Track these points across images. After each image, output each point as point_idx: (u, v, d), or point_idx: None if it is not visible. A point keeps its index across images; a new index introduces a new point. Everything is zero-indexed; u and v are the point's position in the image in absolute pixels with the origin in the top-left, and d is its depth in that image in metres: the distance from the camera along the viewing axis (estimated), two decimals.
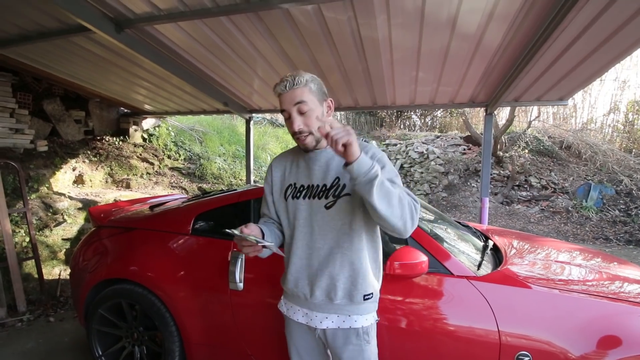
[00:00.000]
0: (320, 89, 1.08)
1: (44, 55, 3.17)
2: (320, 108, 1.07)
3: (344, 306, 1.10)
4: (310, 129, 1.05)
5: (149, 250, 2.00)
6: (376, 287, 1.14)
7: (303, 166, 1.16)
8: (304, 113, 1.04)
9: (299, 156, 1.18)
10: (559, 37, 2.13)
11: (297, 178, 1.16)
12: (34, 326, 2.73)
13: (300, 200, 1.13)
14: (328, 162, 1.11)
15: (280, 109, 1.08)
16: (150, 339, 1.98)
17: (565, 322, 1.38)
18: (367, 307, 1.12)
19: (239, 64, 3.02)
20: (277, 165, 1.24)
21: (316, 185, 1.11)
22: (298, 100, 1.03)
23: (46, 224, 3.47)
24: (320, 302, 1.12)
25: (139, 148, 5.32)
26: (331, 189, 1.08)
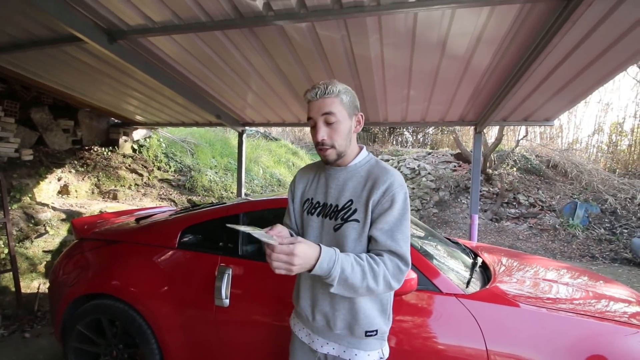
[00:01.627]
0: (352, 102, 1.04)
1: (34, 64, 3.15)
2: (348, 122, 1.03)
3: (344, 337, 1.05)
4: (333, 142, 1.02)
5: (133, 264, 1.95)
6: (381, 325, 1.05)
7: (322, 182, 1.12)
8: (330, 124, 1.01)
9: (321, 171, 1.15)
10: (545, 60, 2.21)
11: (315, 193, 1.13)
12: (8, 342, 2.59)
13: (314, 217, 1.10)
14: (345, 182, 1.06)
15: (308, 116, 1.05)
16: (130, 357, 1.90)
17: (553, 341, 1.38)
18: (370, 343, 1.05)
19: (232, 77, 3.04)
20: (302, 177, 1.21)
21: (329, 204, 1.07)
22: (327, 110, 1.00)
23: (27, 235, 3.36)
24: (320, 327, 1.07)
25: (128, 159, 5.25)
26: (342, 210, 1.03)
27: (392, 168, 1.05)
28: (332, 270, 0.88)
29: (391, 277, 0.94)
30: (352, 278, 0.90)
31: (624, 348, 1.37)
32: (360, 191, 1.03)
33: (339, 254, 0.91)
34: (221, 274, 1.72)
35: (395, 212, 0.98)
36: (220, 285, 1.69)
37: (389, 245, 0.96)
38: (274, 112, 3.91)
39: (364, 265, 0.93)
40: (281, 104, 3.59)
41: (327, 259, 0.88)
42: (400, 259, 0.96)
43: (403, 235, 0.98)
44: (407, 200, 1.01)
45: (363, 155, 1.10)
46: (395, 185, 1.00)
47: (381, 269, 0.93)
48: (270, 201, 2.07)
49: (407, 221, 1.00)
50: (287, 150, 10.45)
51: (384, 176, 1.01)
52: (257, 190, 7.14)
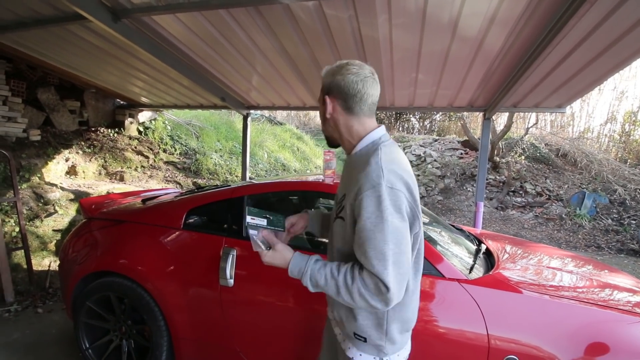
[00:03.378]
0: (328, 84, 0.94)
1: (39, 43, 3.13)
2: (322, 106, 0.97)
3: (342, 327, 1.01)
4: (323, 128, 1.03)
5: (140, 243, 1.98)
6: (373, 337, 0.93)
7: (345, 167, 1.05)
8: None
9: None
10: (560, 44, 2.13)
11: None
12: (22, 317, 2.69)
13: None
14: (350, 172, 0.93)
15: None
16: (139, 332, 1.96)
17: (555, 327, 1.38)
18: (362, 346, 0.95)
19: (237, 59, 3.00)
20: None
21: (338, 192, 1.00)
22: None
23: (37, 215, 3.42)
24: (330, 309, 1.07)
25: (134, 141, 5.27)
26: (337, 204, 0.96)
27: (378, 162, 0.84)
28: (303, 278, 0.92)
29: (369, 296, 0.82)
30: (327, 290, 0.89)
31: (626, 336, 1.37)
32: (351, 186, 0.88)
33: (309, 265, 0.91)
34: (226, 255, 1.74)
35: (363, 222, 0.80)
36: (225, 266, 1.72)
37: (364, 263, 0.82)
38: (279, 95, 3.87)
39: (338, 279, 0.86)
40: (286, 86, 3.54)
41: (295, 270, 0.93)
42: (379, 279, 0.80)
43: (376, 252, 0.79)
44: (383, 205, 0.79)
45: (365, 143, 0.93)
46: (367, 186, 0.81)
47: (355, 285, 0.83)
48: (274, 184, 2.07)
49: (385, 234, 0.78)
50: (292, 134, 10.40)
51: (359, 174, 0.85)
52: (262, 174, 7.16)
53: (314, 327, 1.59)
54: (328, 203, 2.56)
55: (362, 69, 0.91)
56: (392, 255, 0.79)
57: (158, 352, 1.85)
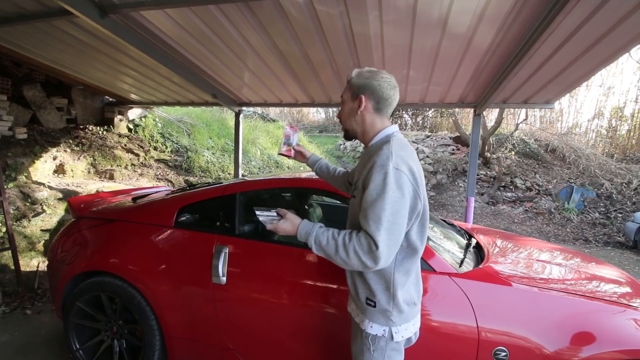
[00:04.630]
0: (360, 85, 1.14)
1: (24, 39, 3.05)
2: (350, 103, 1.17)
3: (355, 300, 1.18)
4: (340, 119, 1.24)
5: (130, 242, 1.96)
6: (382, 300, 1.10)
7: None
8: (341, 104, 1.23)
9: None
10: (548, 40, 2.16)
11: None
12: (10, 319, 2.64)
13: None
14: (363, 160, 1.16)
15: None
16: (130, 332, 1.95)
17: (542, 319, 1.41)
18: (373, 314, 1.11)
19: (229, 55, 2.97)
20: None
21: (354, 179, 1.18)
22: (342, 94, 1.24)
23: (24, 214, 3.36)
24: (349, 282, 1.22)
25: (124, 138, 5.19)
26: (352, 186, 1.18)
27: (391, 150, 1.04)
28: (308, 239, 1.08)
29: (362, 253, 0.99)
30: (327, 249, 1.05)
31: (610, 325, 1.41)
32: (365, 171, 1.08)
33: (315, 229, 1.08)
34: (218, 253, 1.74)
35: (371, 190, 1.01)
36: (217, 264, 1.71)
37: (362, 224, 1.01)
38: (271, 92, 3.85)
39: (338, 239, 1.04)
40: (278, 83, 3.53)
41: (303, 232, 1.09)
42: (371, 239, 0.98)
43: (375, 215, 0.98)
44: (387, 180, 0.99)
45: (381, 136, 1.14)
46: (377, 164, 1.02)
47: (352, 244, 1.01)
48: (268, 181, 2.07)
49: (384, 203, 0.98)
50: None
51: (372, 157, 1.06)
52: (255, 171, 7.12)
53: (308, 324, 1.60)
54: (321, 200, 2.57)
55: (392, 78, 1.16)
56: (386, 222, 0.97)
57: (150, 352, 1.84)
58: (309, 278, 1.62)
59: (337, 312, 1.53)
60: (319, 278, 1.60)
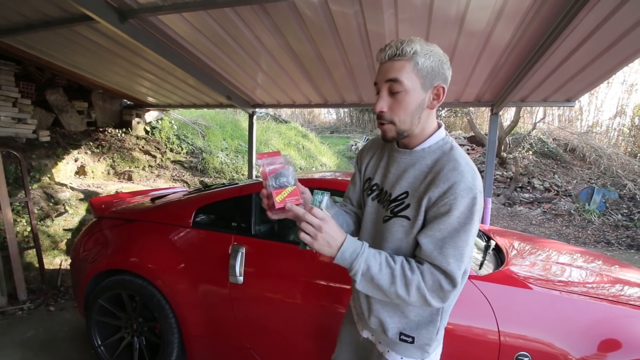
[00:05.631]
0: (433, 69, 0.82)
1: (47, 45, 3.16)
2: (420, 94, 0.83)
3: (378, 334, 0.96)
4: (393, 116, 0.84)
5: (150, 242, 2.00)
6: (422, 336, 0.90)
7: (385, 162, 0.98)
8: (394, 94, 0.83)
9: (386, 149, 1.01)
10: (569, 37, 2.10)
11: (374, 173, 1.01)
12: (35, 315, 2.74)
13: (369, 200, 0.99)
14: (406, 169, 0.90)
15: (374, 80, 0.88)
16: (150, 330, 1.99)
17: (566, 324, 1.37)
18: (408, 349, 0.92)
19: (243, 57, 3.00)
20: (370, 148, 1.09)
21: (385, 191, 0.94)
22: (392, 76, 0.81)
23: (48, 214, 3.47)
24: (359, 313, 1.01)
25: (142, 140, 5.31)
26: (394, 202, 0.89)
27: (467, 163, 0.83)
28: (355, 263, 0.80)
29: (428, 291, 0.79)
30: (379, 279, 0.80)
31: (637, 331, 1.35)
32: (419, 183, 0.86)
33: (365, 248, 0.81)
34: (235, 252, 1.75)
35: (452, 220, 0.79)
36: (234, 263, 1.73)
37: (434, 258, 0.80)
38: (284, 92, 3.87)
39: (395, 268, 0.81)
40: (291, 84, 3.54)
41: (350, 249, 0.80)
42: (445, 277, 0.79)
43: (456, 250, 0.79)
44: (474, 209, 0.79)
45: (436, 139, 0.89)
46: (460, 187, 0.79)
47: (416, 277, 0.80)
48: None
49: (468, 235, 0.79)
50: (297, 132, 10.41)
51: (450, 172, 0.81)
52: None
53: (324, 324, 1.60)
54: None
55: None
56: (467, 257, 0.81)
57: (169, 349, 1.88)
58: (326, 279, 1.62)
59: None
60: (336, 279, 1.60)
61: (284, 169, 0.83)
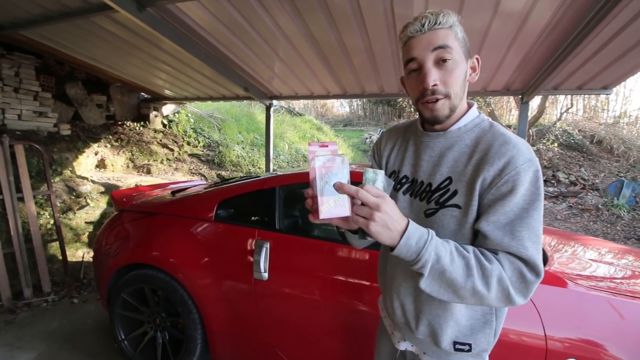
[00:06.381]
0: (466, 41, 0.77)
1: (65, 37, 3.14)
2: (464, 65, 0.76)
3: (426, 345, 0.85)
4: (448, 89, 0.74)
5: (172, 235, 1.96)
6: (479, 340, 0.80)
7: (411, 151, 0.87)
8: (444, 62, 0.72)
9: (411, 136, 0.90)
10: (614, 20, 1.92)
11: (401, 165, 0.89)
12: (59, 307, 2.76)
13: (400, 195, 0.86)
14: (443, 153, 0.79)
15: (408, 58, 0.76)
16: (173, 325, 1.96)
17: (621, 328, 1.25)
18: (463, 359, 0.82)
19: (261, 45, 2.91)
20: (389, 138, 0.96)
21: (420, 181, 0.83)
22: (440, 43, 0.72)
23: (70, 207, 3.50)
24: (399, 322, 0.88)
25: (159, 134, 5.32)
26: (437, 192, 0.78)
27: (516, 136, 0.75)
28: (423, 252, 0.65)
29: (511, 284, 0.67)
30: (452, 271, 0.66)
31: None
32: (463, 166, 0.76)
33: (433, 235, 0.68)
34: (259, 248, 1.69)
35: (518, 199, 0.69)
36: (259, 259, 1.67)
37: (507, 244, 0.69)
38: (302, 83, 3.77)
39: (470, 258, 0.68)
40: (310, 73, 3.43)
41: (415, 235, 0.65)
42: (525, 265, 0.68)
43: (531, 232, 0.68)
44: (538, 183, 0.70)
45: (471, 116, 0.80)
46: (520, 160, 0.70)
47: (495, 267, 0.67)
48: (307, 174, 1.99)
49: (538, 212, 0.70)
50: (312, 125, 10.31)
51: (503, 146, 0.72)
52: (283, 165, 7.12)
53: (354, 325, 1.52)
54: None
55: None
56: (540, 238, 0.70)
57: (192, 345, 1.84)
58: (356, 276, 1.54)
59: None
60: (367, 276, 1.51)
61: (339, 169, 0.67)
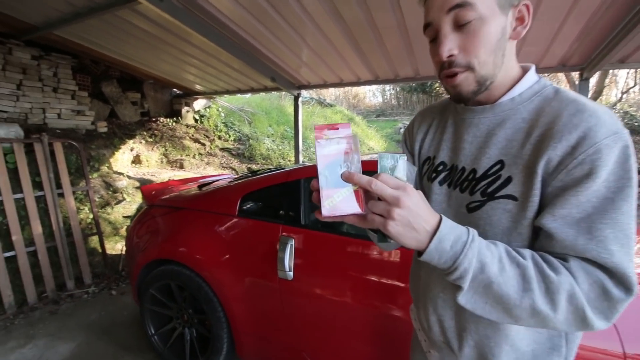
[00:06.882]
0: None
1: (96, 34, 3.20)
2: (500, 20, 0.57)
3: None
4: (469, 57, 0.57)
5: (196, 231, 1.90)
6: None
7: (450, 132, 0.71)
8: (462, 26, 0.56)
9: (450, 115, 0.73)
10: None
11: (437, 149, 0.72)
12: (98, 298, 2.85)
13: (435, 186, 0.70)
14: (492, 132, 0.62)
15: (425, 23, 0.61)
16: (200, 322, 1.91)
17: None
18: None
19: (287, 31, 2.77)
20: (423, 120, 0.80)
21: (461, 168, 0.66)
22: (457, 1, 0.55)
23: (107, 202, 3.62)
24: (437, 341, 0.71)
25: (191, 129, 5.40)
26: (483, 180, 0.61)
27: (593, 102, 0.56)
28: (461, 259, 0.50)
29: (588, 303, 0.49)
30: (502, 284, 0.50)
31: None
32: (519, 145, 0.58)
33: (474, 236, 0.52)
34: (283, 245, 1.57)
35: (598, 185, 0.50)
36: (283, 257, 1.55)
37: (582, 247, 0.51)
38: (331, 70, 3.59)
39: (527, 266, 0.51)
40: (339, 59, 3.25)
41: (451, 236, 0.50)
42: (609, 276, 0.50)
43: (617, 231, 0.50)
44: (628, 163, 0.51)
45: (529, 82, 0.61)
46: (601, 134, 0.51)
47: (564, 279, 0.50)
48: None
49: (629, 203, 0.50)
50: (343, 116, 10.08)
51: (575, 116, 0.53)
52: (314, 158, 7.00)
53: (388, 330, 1.36)
54: None
55: None
56: (633, 241, 0.50)
57: (219, 344, 1.77)
58: (390, 276, 1.37)
59: None
60: (403, 277, 1.34)
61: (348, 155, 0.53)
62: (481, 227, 0.60)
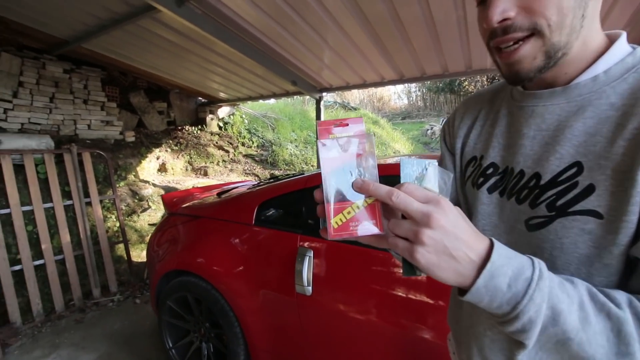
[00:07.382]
0: None
1: (121, 46, 3.28)
2: None
3: None
4: (536, 18, 0.42)
5: (212, 241, 1.82)
6: None
7: (503, 125, 0.55)
8: None
9: (503, 103, 0.58)
10: None
11: (486, 147, 0.57)
12: (123, 307, 2.86)
13: (483, 194, 0.55)
14: (564, 124, 0.47)
15: None
16: (217, 337, 1.82)
17: None
18: None
19: (307, 33, 2.68)
20: (469, 110, 0.63)
21: (519, 171, 0.50)
22: None
23: (134, 210, 3.68)
24: None
25: (215, 136, 5.44)
26: (551, 187, 0.46)
27: None
28: (525, 303, 0.35)
29: None
30: (584, 343, 0.36)
31: None
32: (605, 142, 0.43)
33: (542, 270, 0.37)
34: (302, 257, 1.44)
35: None
36: (301, 270, 1.42)
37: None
38: (353, 71, 3.46)
39: (624, 319, 0.36)
40: (362, 59, 3.11)
41: (508, 270, 0.36)
42: None
43: None
44: None
45: (619, 55, 0.46)
46: None
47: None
48: None
49: None
50: (367, 119, 9.89)
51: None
52: None
53: (416, 350, 1.20)
54: None
55: None
56: None
57: None
58: (422, 292, 1.20)
59: None
60: (436, 294, 1.17)
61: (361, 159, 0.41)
62: (547, 253, 0.44)
